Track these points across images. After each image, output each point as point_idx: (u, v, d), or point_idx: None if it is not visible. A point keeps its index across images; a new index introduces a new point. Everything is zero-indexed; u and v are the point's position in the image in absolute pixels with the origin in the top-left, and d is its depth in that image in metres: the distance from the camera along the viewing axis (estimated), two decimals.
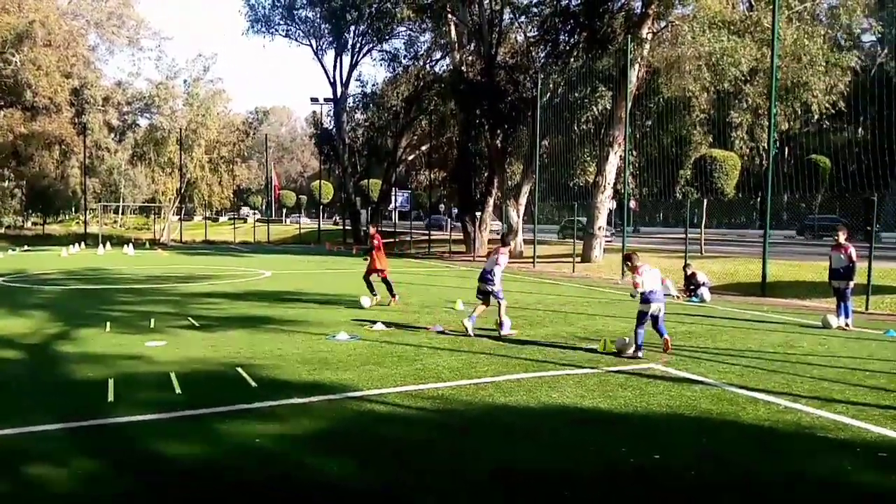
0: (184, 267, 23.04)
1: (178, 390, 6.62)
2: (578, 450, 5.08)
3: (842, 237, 11.39)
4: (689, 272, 15.56)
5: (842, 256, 11.25)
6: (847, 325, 11.07)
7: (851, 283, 11.19)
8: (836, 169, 33.48)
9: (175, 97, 66.81)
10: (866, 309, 13.30)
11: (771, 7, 18.51)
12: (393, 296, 13.17)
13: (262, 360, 7.97)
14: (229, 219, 76.25)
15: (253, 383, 6.86)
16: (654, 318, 8.59)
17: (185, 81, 67.39)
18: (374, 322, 10.49)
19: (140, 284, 17.00)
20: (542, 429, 5.58)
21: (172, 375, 7.10)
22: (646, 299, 8.56)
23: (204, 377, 7.22)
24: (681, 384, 7.04)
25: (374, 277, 13.30)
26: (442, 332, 9.97)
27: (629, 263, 9.01)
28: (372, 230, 14.45)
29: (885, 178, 25.78)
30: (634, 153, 27.24)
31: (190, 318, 10.99)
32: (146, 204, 67.01)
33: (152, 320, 10.80)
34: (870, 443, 5.26)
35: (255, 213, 75.11)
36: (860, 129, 43.61)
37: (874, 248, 13.61)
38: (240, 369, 7.40)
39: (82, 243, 36.39)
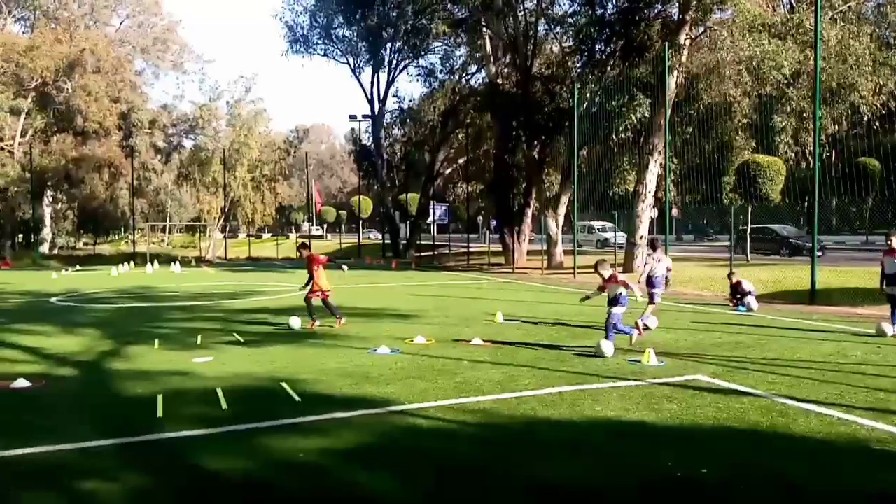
0: (229, 284, 23.50)
1: (224, 405, 6.73)
2: (621, 464, 5.00)
3: (895, 241, 11.03)
4: (734, 280, 15.21)
5: (895, 261, 10.89)
6: None
7: None
8: (886, 172, 32.44)
9: (218, 118, 68.64)
10: None
11: (813, 8, 18.07)
12: (338, 318, 12.18)
13: (304, 374, 8.06)
14: (272, 236, 77.65)
15: (296, 398, 6.95)
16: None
17: (227, 102, 69.21)
18: (416, 336, 10.52)
19: (187, 302, 17.39)
20: (585, 443, 5.51)
21: (219, 391, 7.24)
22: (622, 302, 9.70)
23: (249, 392, 7.33)
24: (728, 396, 6.87)
25: (315, 299, 12.33)
26: (482, 345, 9.93)
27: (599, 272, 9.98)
28: (305, 252, 13.13)
29: None
30: (675, 160, 26.86)
31: (235, 334, 11.20)
32: (192, 223, 68.73)
33: (199, 337, 11.03)
34: None
35: (317, 228, 75.32)
36: None
37: None
38: (284, 384, 7.50)
39: (131, 262, 37.44)
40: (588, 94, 28.58)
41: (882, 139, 36.71)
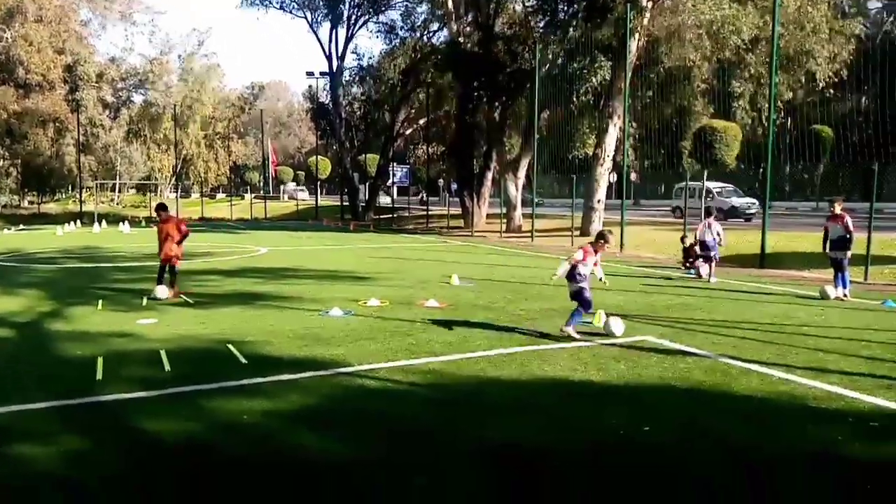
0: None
1: (167, 367, 6.56)
2: (568, 423, 5.03)
3: (838, 208, 11.30)
4: (686, 244, 15.45)
5: (839, 227, 11.16)
6: (845, 295, 11.01)
7: (848, 254, 11.11)
8: (838, 139, 33.25)
9: (169, 73, 66.34)
10: (865, 279, 13.23)
11: None
12: (175, 289, 11.05)
13: (253, 336, 7.91)
14: (227, 196, 76.04)
15: (243, 360, 6.81)
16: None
17: (179, 57, 66.87)
18: (369, 299, 10.42)
19: (134, 262, 16.93)
20: (533, 403, 5.54)
21: (162, 353, 7.05)
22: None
23: (194, 354, 7.16)
24: (674, 356, 6.98)
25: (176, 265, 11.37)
26: (437, 307, 9.89)
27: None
28: (164, 215, 11.85)
29: (888, 147, 25.55)
30: (634, 125, 26.96)
31: (183, 296, 10.93)
32: (142, 182, 66.75)
33: (145, 298, 10.74)
34: (863, 413, 5.20)
35: (301, 188, 70.80)
36: (864, 99, 43.22)
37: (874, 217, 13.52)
38: (230, 346, 7.34)
39: (78, 222, 36.28)
40: (550, 56, 28.34)
41: (835, 107, 37.48)
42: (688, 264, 15.11)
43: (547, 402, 5.55)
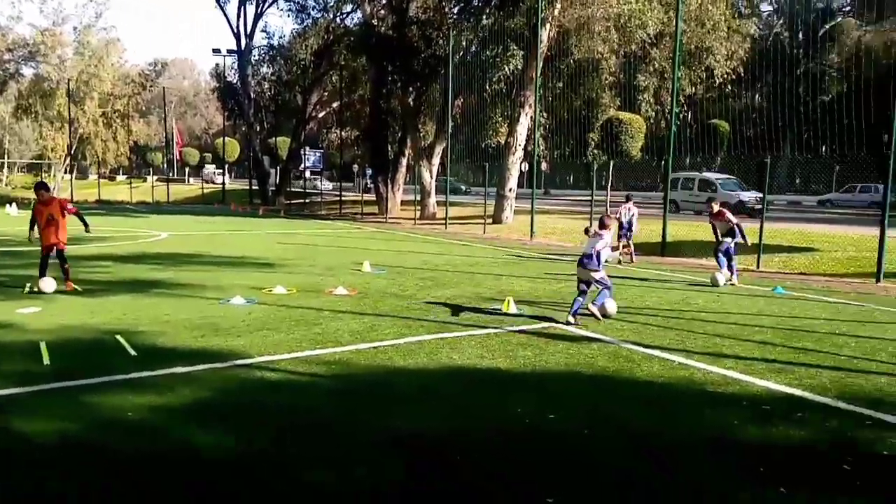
0: (72, 228, 21.43)
1: (46, 361, 6.03)
2: (473, 412, 4.95)
3: (715, 207, 11.72)
4: (590, 234, 15.85)
5: (722, 223, 11.58)
6: (733, 282, 11.48)
7: (736, 240, 11.50)
8: (734, 133, 35.02)
9: (63, 45, 61.96)
10: (757, 267, 13.95)
11: None
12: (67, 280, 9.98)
13: (146, 326, 7.42)
14: (128, 178, 72.16)
15: (132, 352, 6.36)
16: None
17: (74, 29, 62.68)
18: (275, 286, 10.03)
19: (20, 247, 15.66)
20: (439, 392, 5.43)
21: (42, 345, 6.49)
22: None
23: (78, 346, 6.63)
24: (580, 342, 7.06)
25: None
26: (346, 295, 9.64)
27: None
28: (46, 196, 10.39)
29: (778, 142, 27.15)
30: (545, 115, 27.39)
31: (74, 286, 10.15)
32: (35, 161, 62.33)
33: (28, 285, 9.93)
34: (755, 396, 5.40)
35: (219, 172, 63.65)
36: (757, 96, 45.79)
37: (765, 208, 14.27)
38: (119, 337, 6.85)
39: None
40: (464, 42, 28.34)
41: (732, 103, 39.47)
42: None
43: (453, 391, 5.46)
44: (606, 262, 8.34)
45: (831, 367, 6.25)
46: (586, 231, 16.14)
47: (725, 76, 27.48)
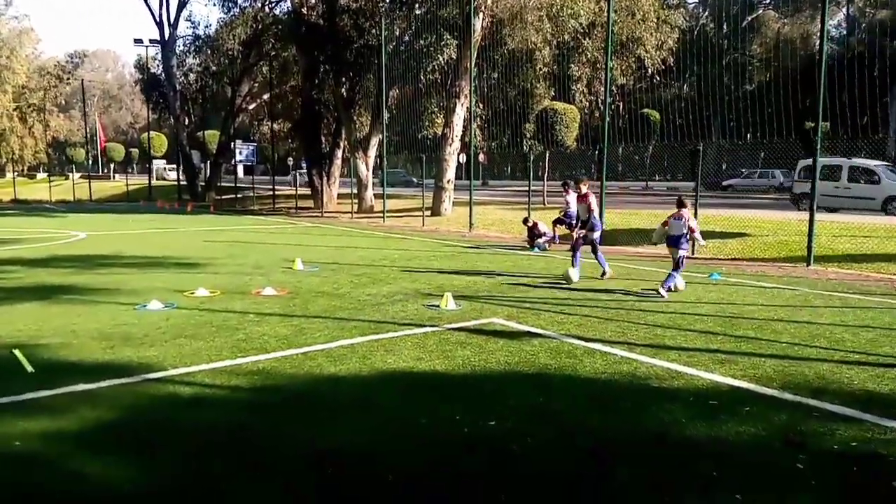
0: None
1: None
2: (408, 422, 4.57)
3: (584, 188, 10.75)
4: (530, 223, 15.70)
5: (584, 206, 10.69)
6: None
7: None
8: (665, 122, 35.71)
9: None
10: (692, 254, 14.03)
11: None
12: None
13: (49, 338, 6.74)
14: (48, 175, 68.47)
15: (29, 368, 5.72)
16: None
17: None
18: (197, 288, 9.40)
19: None
20: (372, 400, 5.03)
21: None
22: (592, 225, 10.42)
23: None
24: (520, 339, 6.78)
25: None
26: (274, 296, 9.11)
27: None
28: None
29: (706, 130, 27.81)
30: (481, 105, 27.18)
31: None
32: None
33: None
34: (701, 390, 5.22)
35: (170, 168, 60.38)
36: (685, 86, 46.93)
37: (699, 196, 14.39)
38: (16, 351, 6.17)
39: None
40: (397, 32, 27.79)
41: (662, 93, 40.24)
42: (530, 242, 15.37)
43: (387, 399, 5.06)
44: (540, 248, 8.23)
45: (773, 356, 6.16)
46: (525, 221, 16.07)
47: (655, 66, 27.86)
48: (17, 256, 13.44)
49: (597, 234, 10.77)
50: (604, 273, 10.81)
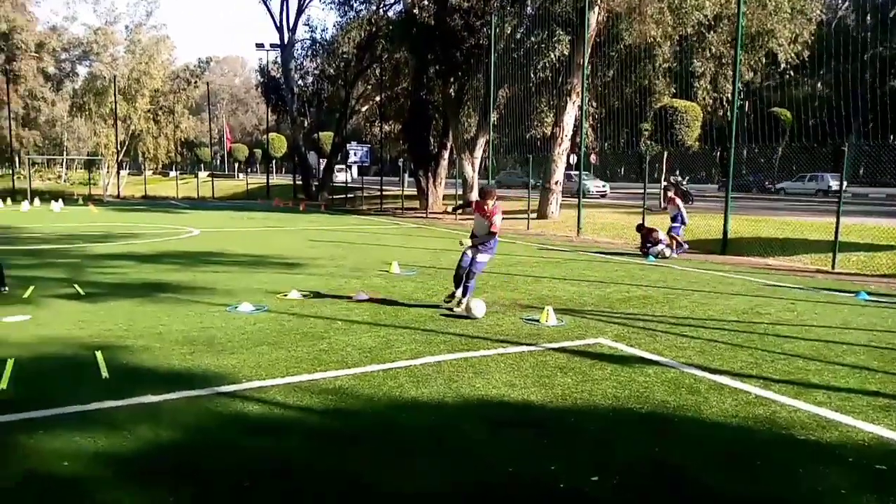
0: (107, 224, 21.20)
1: (2, 385, 5.21)
2: (492, 469, 3.86)
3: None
4: (644, 231, 14.58)
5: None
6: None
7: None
8: (797, 123, 32.88)
9: (115, 44, 63.12)
10: (833, 268, 12.44)
11: None
12: None
13: (134, 339, 6.58)
14: (180, 174, 73.16)
15: (105, 374, 5.49)
16: None
17: (126, 27, 63.68)
18: (290, 290, 9.12)
19: (45, 244, 15.25)
20: (451, 436, 4.35)
21: (9, 363, 5.69)
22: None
23: (49, 365, 5.80)
24: (632, 366, 5.89)
25: None
26: (367, 301, 8.66)
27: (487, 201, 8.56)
28: None
29: (843, 132, 25.22)
30: (594, 104, 25.96)
31: (76, 286, 9.47)
32: (88, 157, 63.59)
33: (31, 288, 9.26)
34: (862, 448, 4.17)
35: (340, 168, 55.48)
36: (819, 84, 43.13)
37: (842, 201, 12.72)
38: (99, 353, 6.00)
39: (9, 199, 33.89)
40: (508, 29, 27.07)
41: (793, 91, 37.13)
42: (644, 250, 14.21)
43: (469, 435, 4.37)
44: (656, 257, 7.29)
45: None
46: (638, 228, 15.01)
47: (790, 60, 25.51)
48: (130, 251, 13.89)
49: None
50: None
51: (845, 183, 13.04)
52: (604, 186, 39.11)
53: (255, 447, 4.13)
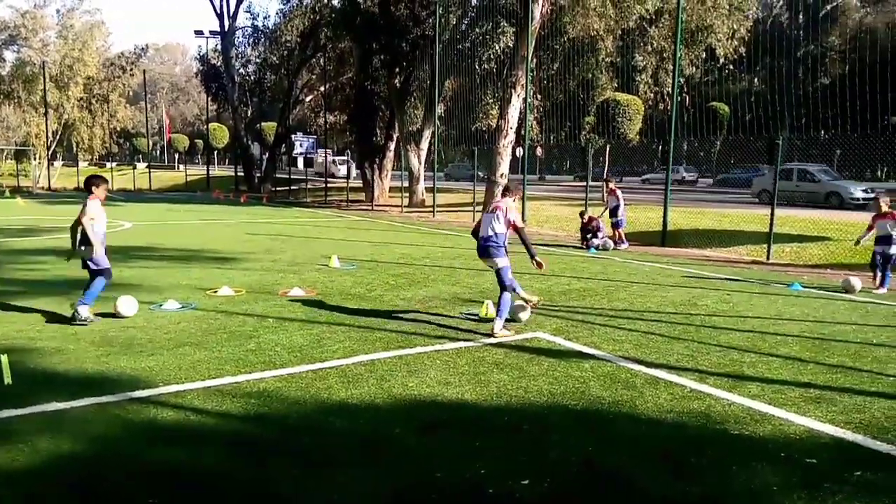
0: (32, 218, 20.16)
1: None
2: (419, 474, 3.67)
3: (885, 206, 9.78)
4: (585, 219, 14.64)
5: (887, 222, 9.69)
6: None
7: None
8: (734, 117, 33.74)
9: (46, 28, 60.31)
10: (768, 259, 12.71)
11: None
12: None
13: (46, 341, 6.14)
14: (117, 164, 70.48)
15: (8, 379, 5.07)
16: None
17: (57, 11, 61.03)
18: (221, 287, 8.74)
19: None
20: (381, 441, 4.14)
21: None
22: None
23: None
24: (569, 360, 5.79)
25: None
26: (301, 297, 8.36)
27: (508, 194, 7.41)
28: None
29: (777, 125, 25.99)
30: (539, 97, 26.02)
31: None
32: (18, 148, 60.65)
33: None
34: (794, 441, 4.15)
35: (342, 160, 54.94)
36: (756, 79, 44.40)
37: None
38: (4, 357, 5.56)
39: None
40: (454, 20, 26.86)
41: (731, 86, 38.09)
42: (585, 242, 14.30)
43: (399, 441, 4.16)
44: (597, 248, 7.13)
45: (880, 394, 5.01)
46: (581, 215, 15.11)
47: (728, 55, 26.07)
48: (53, 246, 13.15)
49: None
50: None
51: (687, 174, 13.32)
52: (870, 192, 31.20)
53: (166, 459, 3.83)
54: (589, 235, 14.23)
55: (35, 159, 57.47)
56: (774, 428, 4.35)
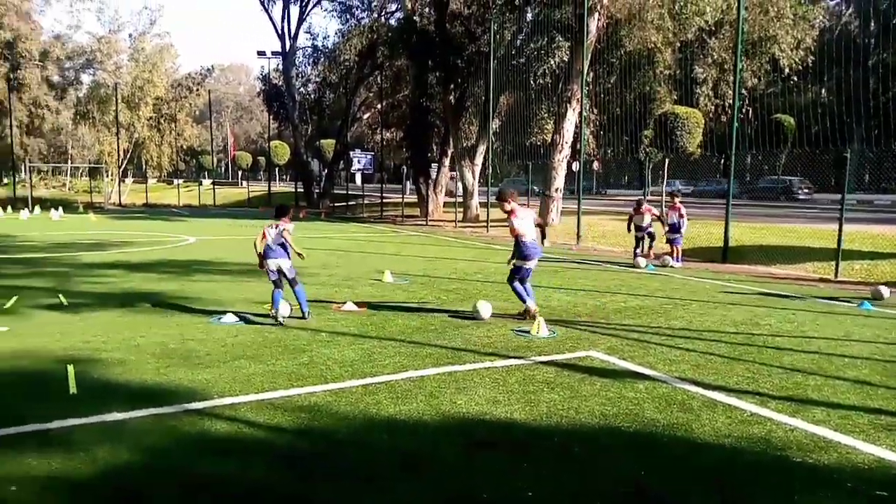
0: (104, 232, 21.05)
1: None
2: (467, 494, 3.63)
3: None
4: (642, 209, 14.66)
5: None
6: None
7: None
8: (799, 129, 32.59)
9: (119, 52, 63.40)
10: (836, 276, 12.17)
11: None
12: None
13: (110, 352, 6.37)
14: (185, 181, 73.20)
15: (73, 389, 5.28)
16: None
17: (130, 36, 63.98)
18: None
19: (37, 253, 15.09)
20: (427, 458, 4.11)
21: None
22: (524, 254, 8.01)
23: (19, 379, 5.60)
24: (623, 380, 5.65)
25: None
26: (354, 311, 8.45)
27: (503, 203, 8.14)
28: None
29: (846, 139, 24.99)
30: (595, 111, 25.76)
31: (61, 296, 9.28)
32: (92, 165, 63.70)
33: (14, 298, 9.07)
34: (862, 470, 3.92)
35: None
36: (823, 90, 42.87)
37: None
38: (70, 367, 5.80)
39: (9, 207, 33.81)
40: (508, 36, 26.93)
41: (796, 98, 36.90)
42: (636, 248, 14.33)
43: (445, 459, 4.12)
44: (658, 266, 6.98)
45: None
46: (638, 204, 15.03)
47: (793, 66, 25.27)
48: (121, 260, 13.70)
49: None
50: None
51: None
52: None
53: (215, 471, 3.90)
54: (639, 235, 14.32)
55: (107, 176, 60.22)
56: (840, 456, 4.13)
